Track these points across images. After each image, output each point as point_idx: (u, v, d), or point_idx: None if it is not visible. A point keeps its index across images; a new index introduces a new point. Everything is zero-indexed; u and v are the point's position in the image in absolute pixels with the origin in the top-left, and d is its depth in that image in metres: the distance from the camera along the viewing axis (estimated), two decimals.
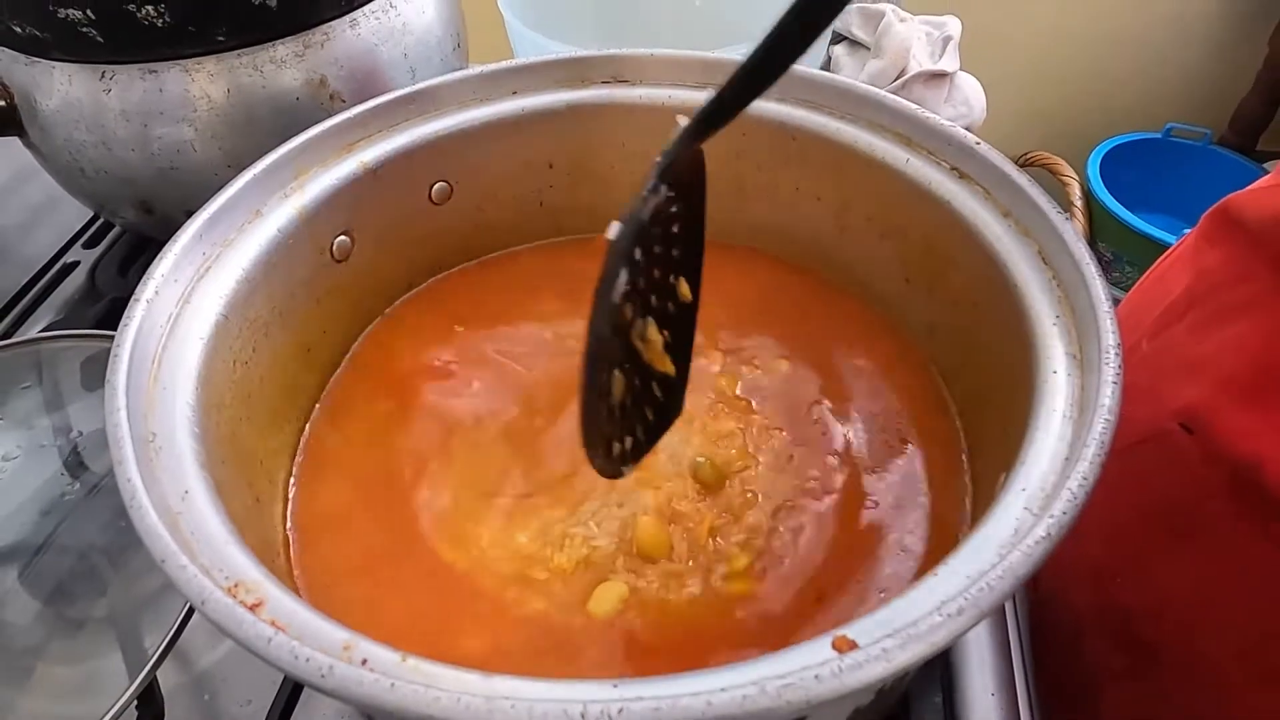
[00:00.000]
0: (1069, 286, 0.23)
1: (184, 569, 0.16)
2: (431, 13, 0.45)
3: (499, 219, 0.35)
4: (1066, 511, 0.17)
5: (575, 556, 0.25)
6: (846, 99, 0.30)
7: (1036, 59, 1.05)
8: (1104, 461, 0.18)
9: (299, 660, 0.15)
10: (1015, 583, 0.16)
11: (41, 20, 0.35)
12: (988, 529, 0.18)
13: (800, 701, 0.14)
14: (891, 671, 0.15)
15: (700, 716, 0.14)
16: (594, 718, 0.14)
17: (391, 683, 0.14)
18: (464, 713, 0.14)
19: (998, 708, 0.30)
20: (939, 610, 0.15)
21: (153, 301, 0.23)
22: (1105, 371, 0.20)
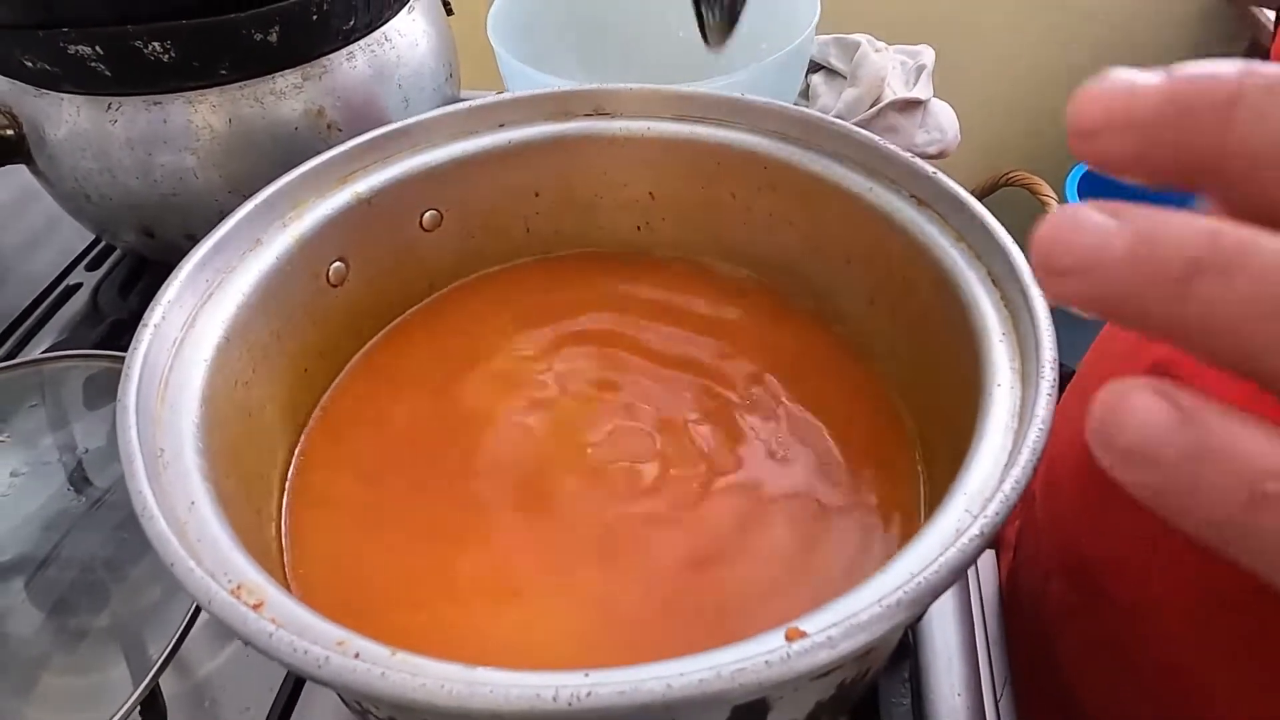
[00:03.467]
0: (1015, 307, 0.25)
1: (191, 571, 0.18)
2: (425, 45, 0.47)
3: (487, 244, 0.36)
4: (999, 512, 0.18)
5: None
6: (815, 131, 0.32)
7: (1016, 83, 1.08)
8: (1037, 466, 0.19)
9: (298, 653, 0.16)
10: (951, 576, 0.17)
11: (53, 55, 0.37)
12: (933, 529, 0.19)
13: (752, 684, 0.16)
14: (835, 658, 0.16)
15: (662, 697, 0.15)
16: (565, 700, 0.15)
17: (382, 671, 0.16)
18: (447, 697, 0.15)
19: (964, 708, 0.32)
20: (879, 603, 0.17)
21: (160, 326, 0.25)
22: (1042, 385, 0.21)
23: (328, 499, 0.29)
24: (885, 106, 0.53)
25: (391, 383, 0.33)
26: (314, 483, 0.30)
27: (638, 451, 0.30)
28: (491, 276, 0.37)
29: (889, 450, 0.29)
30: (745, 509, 0.28)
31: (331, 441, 0.31)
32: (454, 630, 0.25)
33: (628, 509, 0.28)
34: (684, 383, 0.33)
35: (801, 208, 0.33)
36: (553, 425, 0.32)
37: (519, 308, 0.36)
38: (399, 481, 0.30)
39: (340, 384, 0.33)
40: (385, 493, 0.29)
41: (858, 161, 0.31)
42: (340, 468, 0.30)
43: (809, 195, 0.33)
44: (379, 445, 0.31)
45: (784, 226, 0.34)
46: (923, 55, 0.56)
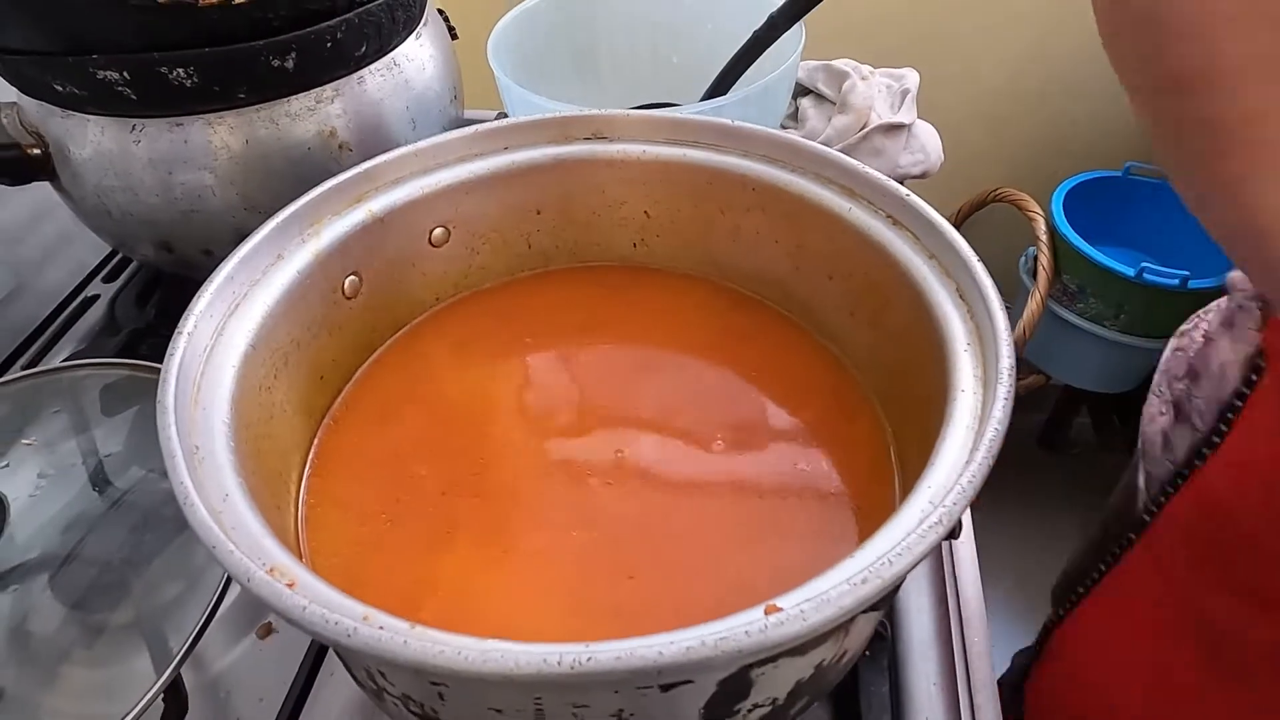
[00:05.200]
0: (979, 319, 0.27)
1: (232, 553, 0.20)
2: (431, 69, 0.49)
3: (491, 259, 0.39)
4: (957, 502, 0.20)
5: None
6: (798, 155, 0.34)
7: (1004, 103, 1.11)
8: (992, 463, 0.22)
9: (329, 624, 0.18)
10: (913, 559, 0.19)
11: (82, 80, 0.39)
12: (899, 519, 0.21)
13: (732, 651, 0.18)
14: (806, 629, 0.18)
15: (654, 662, 0.17)
16: (567, 664, 0.17)
17: (404, 640, 0.18)
18: (462, 661, 0.17)
19: (939, 697, 0.34)
20: (846, 582, 0.19)
21: (192, 334, 0.27)
22: (999, 390, 0.23)
23: (340, 498, 0.31)
24: (871, 130, 0.55)
25: (398, 389, 0.35)
26: (327, 482, 0.32)
27: (626, 449, 0.32)
28: (495, 289, 0.39)
29: (866, 452, 0.31)
30: (730, 506, 0.30)
31: (343, 444, 0.33)
32: (458, 613, 0.27)
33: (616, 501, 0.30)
34: (674, 387, 0.35)
35: (786, 226, 0.35)
36: (549, 427, 0.34)
37: (520, 319, 0.38)
38: (405, 482, 0.32)
39: (351, 390, 0.35)
40: (392, 493, 0.31)
41: (838, 184, 0.33)
42: (351, 469, 0.32)
43: (793, 215, 0.35)
44: (387, 448, 0.33)
45: (770, 244, 0.36)
46: (907, 79, 0.59)
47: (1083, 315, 1.04)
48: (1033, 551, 1.27)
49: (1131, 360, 1.06)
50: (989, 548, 1.38)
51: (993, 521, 1.36)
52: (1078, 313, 1.05)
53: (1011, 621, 1.20)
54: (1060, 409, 1.36)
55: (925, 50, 1.06)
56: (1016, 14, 1.03)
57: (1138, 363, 1.07)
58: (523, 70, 0.51)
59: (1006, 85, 1.09)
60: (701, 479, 0.31)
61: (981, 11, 1.03)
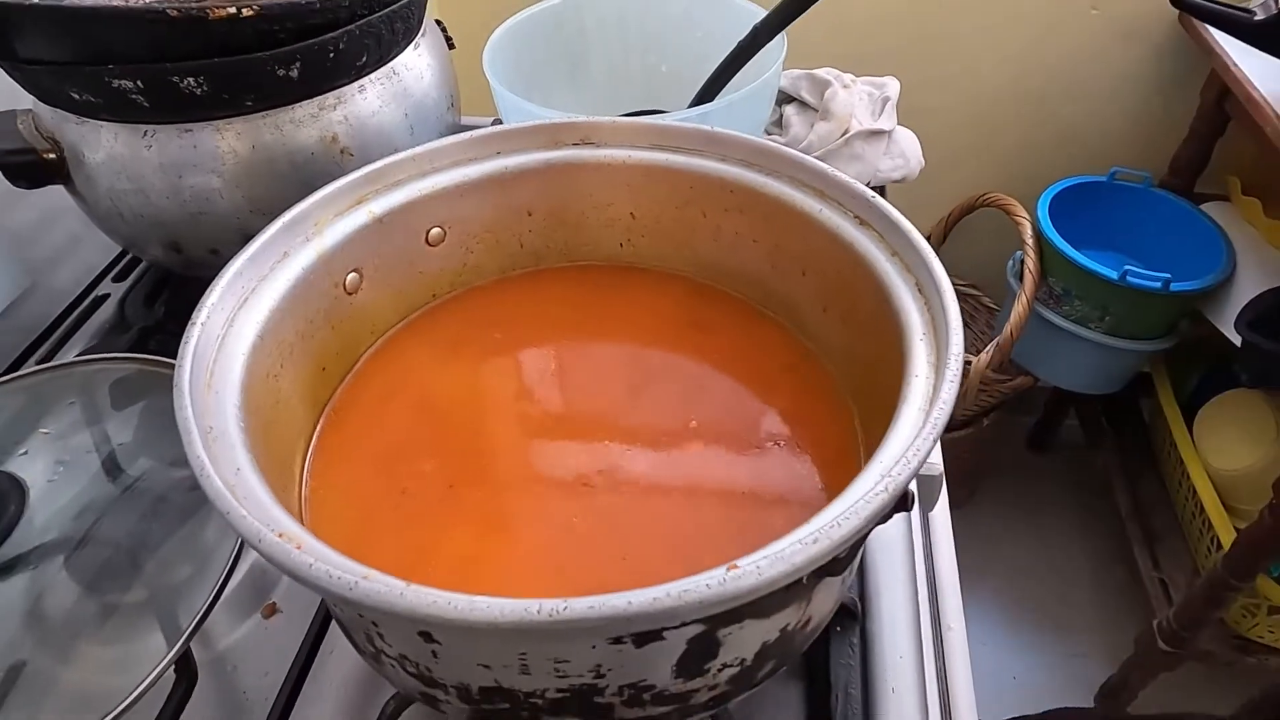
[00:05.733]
0: (935, 311, 0.29)
1: (245, 518, 0.22)
2: (429, 78, 0.52)
3: (485, 257, 0.41)
4: (901, 472, 0.22)
5: None
6: (774, 159, 0.36)
7: (992, 110, 1.13)
8: (938, 438, 0.24)
9: (333, 579, 0.20)
10: (861, 521, 0.21)
11: (97, 88, 0.42)
12: (853, 488, 0.23)
13: (695, 602, 0.20)
14: (763, 583, 0.20)
15: (624, 611, 0.19)
16: (546, 612, 0.19)
17: (401, 592, 0.20)
18: (452, 610, 0.20)
19: (907, 669, 0.36)
20: (799, 541, 0.21)
21: (205, 325, 0.29)
22: (947, 374, 0.25)
23: (339, 483, 0.33)
24: (852, 136, 0.57)
25: (396, 381, 0.37)
26: (328, 468, 0.34)
27: (616, 437, 0.34)
28: (489, 287, 0.41)
29: (835, 435, 0.34)
30: (713, 488, 0.32)
31: (344, 432, 0.35)
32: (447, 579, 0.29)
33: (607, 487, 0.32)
34: (658, 378, 0.37)
35: (764, 227, 0.38)
36: (542, 417, 0.36)
37: (513, 315, 0.40)
38: (403, 469, 0.34)
39: (351, 380, 0.37)
40: (390, 479, 0.33)
41: (811, 186, 0.35)
42: (350, 456, 0.34)
43: (770, 216, 0.37)
44: (385, 436, 0.35)
45: (749, 244, 0.38)
46: (888, 88, 0.61)
47: (1068, 317, 1.06)
48: (1023, 550, 1.29)
49: (1116, 362, 1.08)
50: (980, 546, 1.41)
51: (984, 521, 1.39)
52: (1063, 315, 1.07)
53: (1001, 618, 1.22)
54: (1049, 411, 1.38)
55: (916, 59, 1.08)
56: (1005, 24, 1.05)
57: (1123, 364, 1.09)
58: (517, 78, 0.53)
59: (995, 93, 1.12)
60: (687, 465, 0.33)
61: (970, 21, 1.06)
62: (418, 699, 0.28)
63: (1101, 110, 1.12)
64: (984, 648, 1.18)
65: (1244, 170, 1.07)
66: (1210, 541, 0.98)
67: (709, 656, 0.25)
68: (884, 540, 0.41)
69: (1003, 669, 1.15)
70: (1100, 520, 1.28)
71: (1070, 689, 1.13)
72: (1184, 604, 0.96)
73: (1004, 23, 1.05)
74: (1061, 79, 1.09)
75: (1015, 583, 1.25)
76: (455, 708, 0.27)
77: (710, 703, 0.27)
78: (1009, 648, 1.18)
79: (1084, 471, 1.36)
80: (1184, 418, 1.07)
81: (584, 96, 0.62)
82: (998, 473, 1.35)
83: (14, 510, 0.38)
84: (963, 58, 1.09)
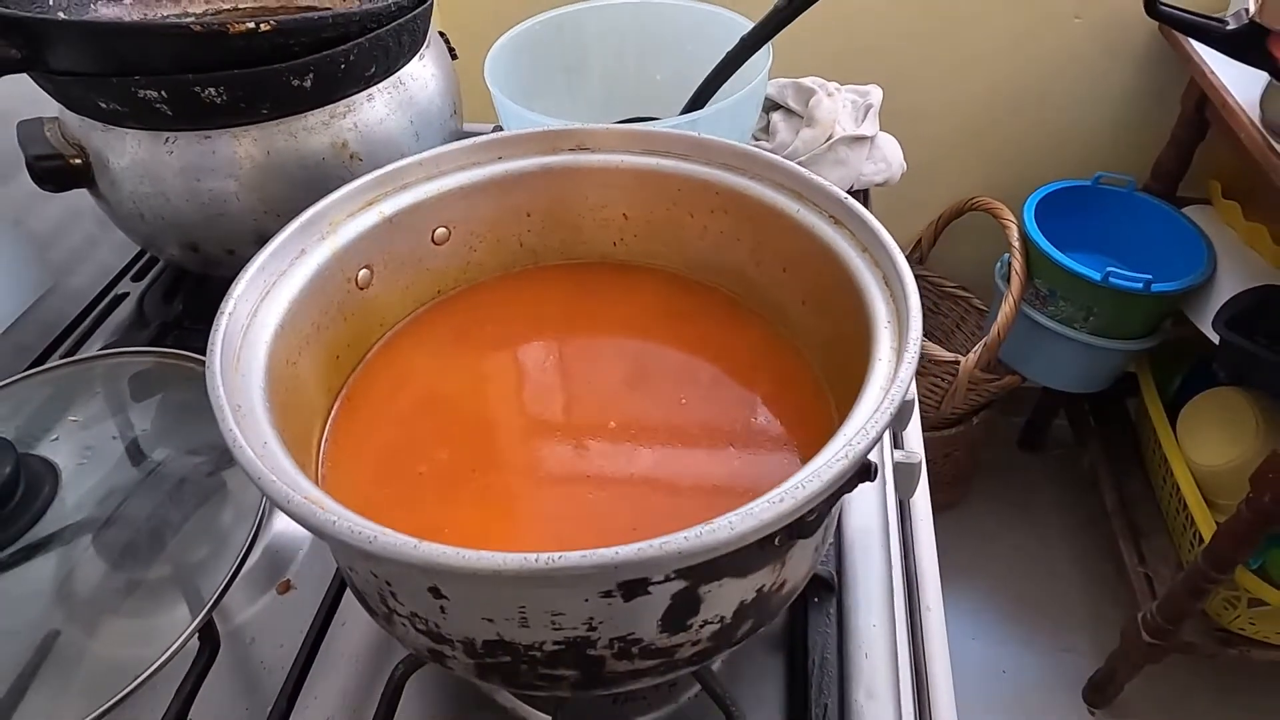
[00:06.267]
0: (899, 301, 0.32)
1: (274, 482, 0.25)
2: (434, 87, 0.54)
3: (487, 256, 0.43)
4: (860, 441, 0.25)
5: None
6: (756, 163, 0.39)
7: (979, 116, 1.16)
8: (893, 410, 0.26)
9: (355, 533, 0.23)
10: (823, 484, 0.24)
11: (123, 98, 0.44)
12: (821, 456, 0.26)
13: (674, 552, 0.22)
14: (735, 536, 0.23)
15: (611, 560, 0.22)
16: (543, 562, 0.22)
17: (415, 545, 0.23)
18: (460, 559, 0.22)
19: (880, 637, 0.38)
20: (768, 500, 0.23)
21: (232, 314, 0.31)
22: (906, 358, 0.28)
23: (352, 464, 0.36)
24: (836, 142, 0.60)
25: (403, 370, 0.40)
26: (341, 450, 0.37)
27: (606, 417, 0.37)
28: (491, 283, 0.44)
29: (813, 419, 0.36)
30: (707, 466, 0.35)
31: (356, 416, 0.38)
32: None
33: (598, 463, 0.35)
34: (649, 368, 0.40)
35: (747, 227, 0.40)
36: (543, 404, 0.38)
37: (513, 308, 0.43)
38: (412, 453, 0.36)
39: (363, 369, 0.40)
40: (400, 461, 0.36)
41: (789, 188, 0.38)
42: (362, 439, 0.37)
43: (753, 217, 0.40)
44: (395, 421, 0.38)
45: (733, 242, 0.41)
46: (871, 95, 0.64)
47: (1054, 318, 1.09)
48: (1013, 546, 1.32)
49: (1101, 361, 1.11)
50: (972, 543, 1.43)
51: (975, 518, 1.41)
52: (1049, 315, 1.10)
53: (992, 612, 1.24)
54: (1039, 411, 1.41)
55: (906, 67, 1.11)
56: (991, 35, 1.08)
57: (1107, 363, 1.12)
58: (517, 87, 0.56)
59: (982, 100, 1.15)
60: (679, 446, 0.36)
61: (957, 32, 1.09)
62: (426, 657, 0.31)
63: (1086, 116, 1.15)
64: (974, 642, 1.20)
65: (1224, 174, 1.10)
66: (1193, 536, 1.00)
67: (691, 612, 0.28)
68: (861, 520, 0.43)
69: (993, 663, 1.17)
70: (1088, 517, 1.31)
71: (1059, 682, 1.15)
72: (1167, 597, 0.98)
73: (990, 33, 1.08)
74: (1047, 87, 1.13)
75: (1005, 578, 1.28)
76: (461, 663, 0.30)
77: (694, 658, 0.30)
78: (999, 642, 1.20)
79: (1072, 470, 1.39)
80: (1168, 416, 1.09)
81: (581, 105, 0.65)
82: (989, 471, 1.38)
83: (48, 492, 0.41)
84: (951, 67, 1.12)
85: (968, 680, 1.15)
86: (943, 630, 0.49)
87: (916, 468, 0.51)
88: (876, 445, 0.26)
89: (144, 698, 0.36)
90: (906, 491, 0.51)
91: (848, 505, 0.44)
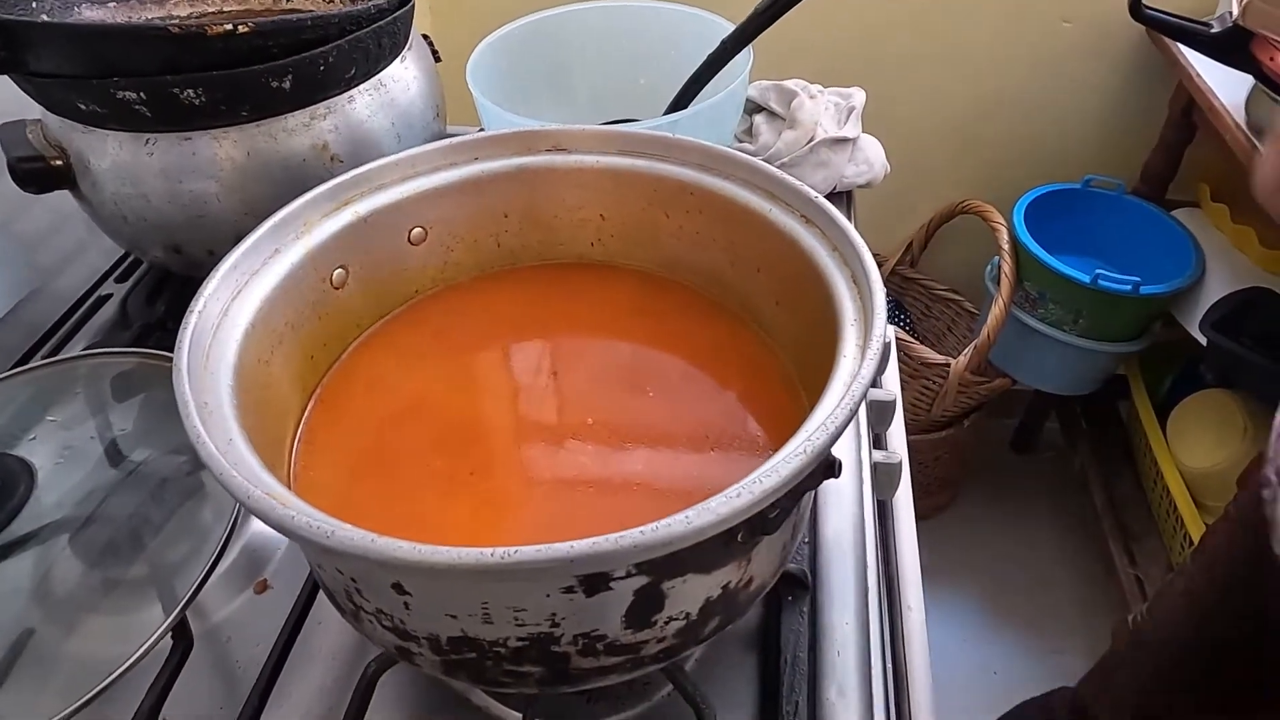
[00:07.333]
0: (865, 300, 0.32)
1: (235, 478, 0.25)
2: (415, 89, 0.55)
3: (464, 256, 0.44)
4: (819, 437, 0.25)
5: None
6: (729, 164, 0.39)
7: (971, 120, 1.16)
8: (855, 406, 0.26)
9: (312, 528, 0.23)
10: (781, 479, 0.24)
11: (103, 99, 0.45)
12: (780, 454, 0.26)
13: (630, 546, 0.22)
14: (691, 530, 0.23)
15: (566, 555, 0.22)
16: (499, 556, 0.22)
17: (372, 539, 0.23)
18: (416, 554, 0.22)
19: (852, 634, 0.38)
20: (725, 495, 0.24)
21: (202, 312, 0.32)
22: (868, 353, 0.28)
23: (325, 463, 0.36)
24: (818, 144, 0.60)
25: (379, 370, 0.40)
26: (315, 449, 0.37)
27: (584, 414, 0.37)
28: (467, 284, 0.44)
29: (789, 417, 0.36)
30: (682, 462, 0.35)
31: (330, 417, 0.38)
32: None
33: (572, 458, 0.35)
34: (625, 367, 0.40)
35: (722, 227, 0.40)
36: (521, 404, 0.39)
37: (490, 309, 0.43)
38: (382, 449, 0.36)
39: (338, 369, 0.40)
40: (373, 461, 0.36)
41: (762, 188, 0.38)
42: (335, 439, 0.37)
43: (727, 217, 0.40)
44: (369, 422, 0.38)
45: (709, 242, 0.41)
46: (854, 97, 0.64)
47: (1044, 320, 1.10)
48: (1004, 548, 1.32)
49: (1090, 363, 1.11)
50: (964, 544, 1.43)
51: (967, 520, 1.41)
52: (1039, 318, 1.10)
53: (983, 614, 1.24)
54: (1030, 414, 1.41)
55: (896, 72, 1.11)
56: (981, 39, 1.09)
57: (1097, 365, 1.12)
58: (500, 90, 0.56)
59: (972, 104, 1.15)
60: (659, 445, 0.36)
61: (947, 36, 1.09)
62: (395, 655, 0.31)
63: (1075, 120, 1.16)
64: (965, 644, 1.20)
65: (1213, 177, 1.11)
66: (1183, 538, 1.01)
67: (655, 609, 0.28)
68: (838, 520, 0.43)
69: (983, 664, 1.17)
70: (1079, 518, 1.31)
71: (1050, 683, 1.15)
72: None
73: (980, 38, 1.09)
74: (1036, 91, 1.13)
75: (997, 580, 1.28)
76: (428, 659, 0.30)
77: (660, 655, 0.30)
78: (989, 643, 1.20)
79: (1063, 472, 1.39)
80: (1158, 418, 1.10)
81: (565, 108, 0.65)
82: (980, 473, 1.38)
83: (24, 491, 0.41)
84: (940, 71, 1.12)
85: (957, 681, 1.15)
86: (923, 630, 0.49)
87: (897, 468, 0.51)
88: (837, 441, 0.26)
89: (117, 696, 0.36)
90: (886, 492, 0.51)
91: (824, 505, 0.44)
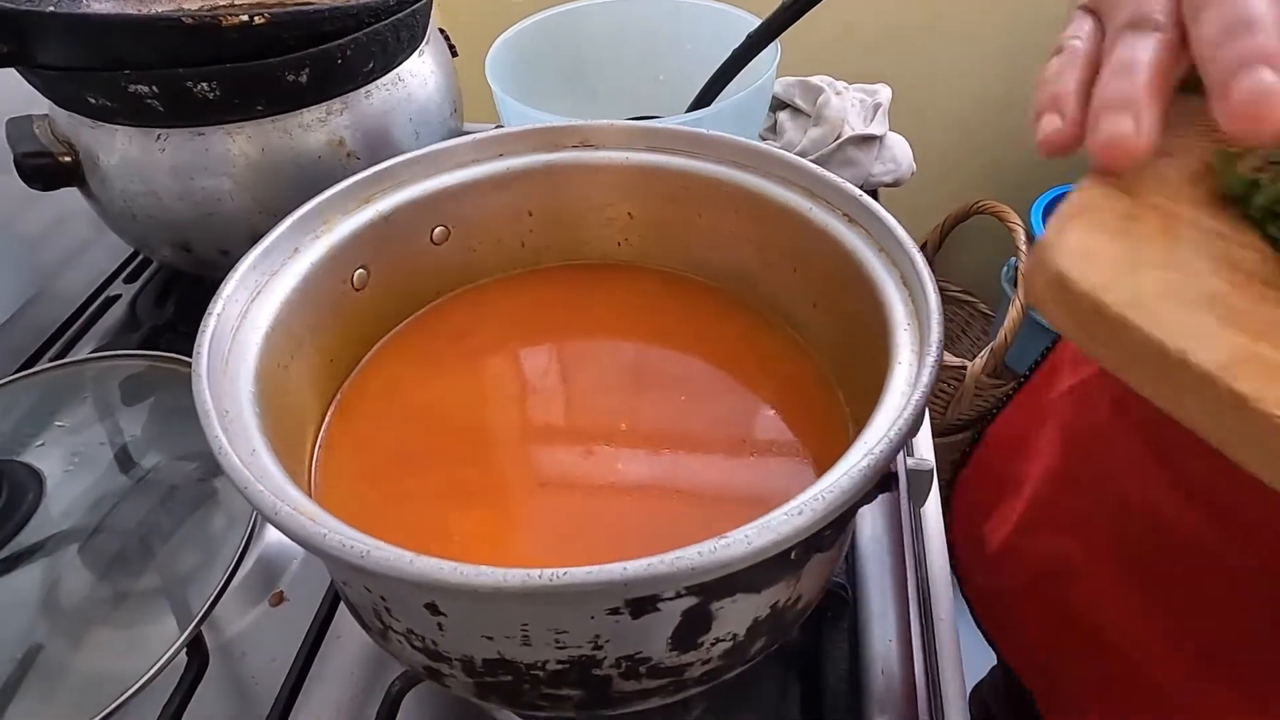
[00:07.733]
0: (918, 303, 0.30)
1: (261, 493, 0.23)
2: (433, 84, 0.53)
3: (487, 256, 0.42)
4: (882, 449, 0.24)
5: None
6: (765, 160, 0.38)
7: (986, 118, 1.15)
8: (916, 416, 0.25)
9: (346, 548, 0.22)
10: (843, 495, 0.23)
11: (113, 93, 0.43)
12: (838, 467, 0.25)
13: (686, 569, 0.21)
14: (751, 551, 0.21)
15: (619, 577, 0.21)
16: (546, 578, 0.21)
17: (410, 560, 0.21)
18: (459, 576, 0.21)
19: (895, 654, 0.37)
20: (786, 513, 0.22)
21: (221, 315, 0.30)
22: (928, 360, 0.27)
23: (346, 470, 0.35)
24: (844, 141, 0.59)
25: (400, 375, 0.39)
26: (335, 455, 0.35)
27: (611, 424, 0.35)
28: (491, 284, 0.43)
29: (825, 423, 0.35)
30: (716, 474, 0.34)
31: (351, 422, 0.37)
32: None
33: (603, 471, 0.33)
34: (654, 371, 0.38)
35: (755, 226, 0.39)
36: (545, 410, 0.37)
37: (513, 311, 0.42)
38: (405, 456, 0.35)
39: (358, 373, 0.39)
40: (396, 467, 0.35)
41: (800, 186, 0.37)
42: (357, 444, 0.36)
43: (761, 215, 0.38)
44: (392, 426, 0.36)
45: (741, 242, 0.40)
46: (880, 94, 0.63)
47: None
48: None
49: None
50: None
51: None
52: None
53: None
54: None
55: (911, 68, 1.10)
56: (998, 35, 1.07)
57: None
58: (518, 85, 0.55)
59: (989, 102, 1.14)
60: (686, 455, 0.35)
61: (964, 33, 1.08)
62: (423, 675, 0.29)
63: None
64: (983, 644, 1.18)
65: None
66: None
67: (702, 630, 0.26)
68: (875, 531, 0.42)
69: None
70: None
71: None
72: None
73: (997, 34, 1.07)
74: None
75: None
76: (460, 681, 0.28)
77: (704, 677, 0.28)
78: None
79: None
80: None
81: (583, 104, 0.64)
82: None
83: (32, 499, 0.40)
84: (957, 69, 1.11)
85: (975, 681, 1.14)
86: (955, 642, 0.48)
87: (928, 475, 0.50)
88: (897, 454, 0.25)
89: (129, 714, 0.35)
90: (919, 499, 0.50)
91: (860, 514, 0.42)
